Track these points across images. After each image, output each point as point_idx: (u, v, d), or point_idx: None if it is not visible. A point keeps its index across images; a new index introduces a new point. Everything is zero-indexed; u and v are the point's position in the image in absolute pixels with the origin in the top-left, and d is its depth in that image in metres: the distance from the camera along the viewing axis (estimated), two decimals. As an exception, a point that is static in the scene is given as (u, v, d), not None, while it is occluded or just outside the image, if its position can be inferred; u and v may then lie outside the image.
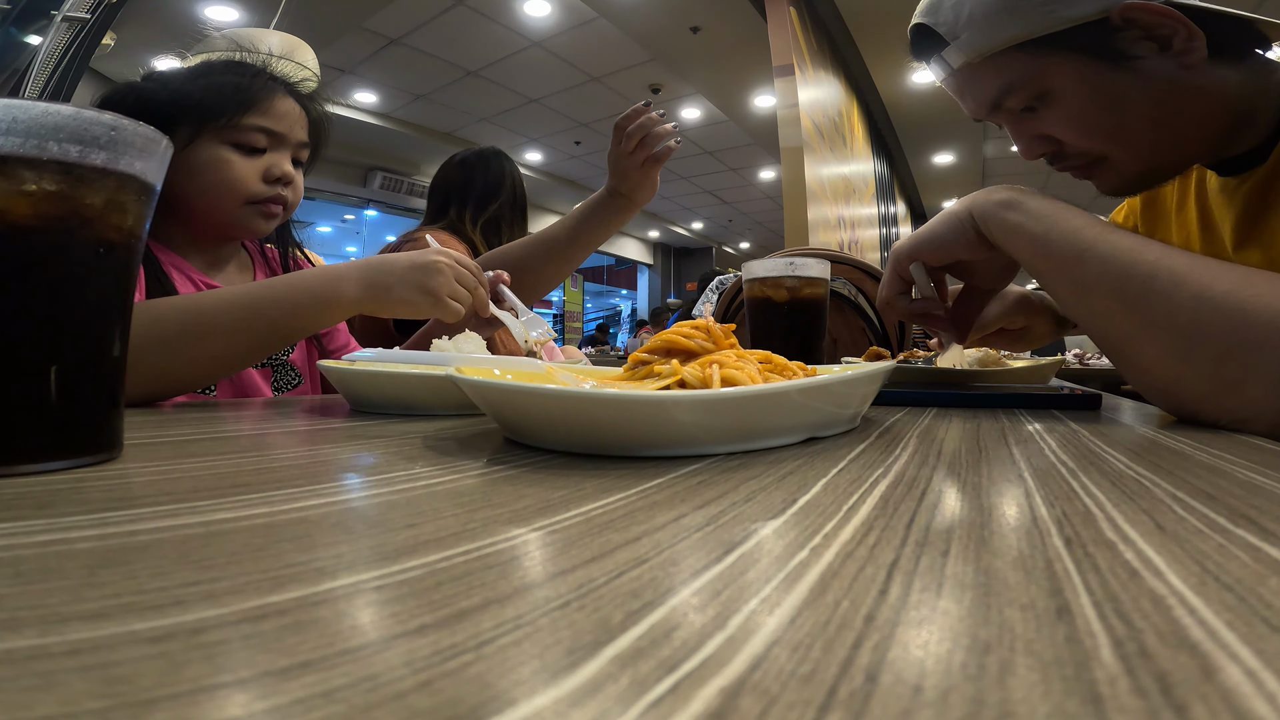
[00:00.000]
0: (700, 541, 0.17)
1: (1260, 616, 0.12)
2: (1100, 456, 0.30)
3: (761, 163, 6.73)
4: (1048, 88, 0.59)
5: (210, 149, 0.70)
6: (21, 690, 0.09)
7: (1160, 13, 0.52)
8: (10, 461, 0.24)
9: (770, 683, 0.10)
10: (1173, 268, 0.41)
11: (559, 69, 4.71)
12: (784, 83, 3.27)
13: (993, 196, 0.51)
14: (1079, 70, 0.56)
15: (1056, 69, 0.57)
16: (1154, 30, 0.54)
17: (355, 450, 0.32)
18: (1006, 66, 0.59)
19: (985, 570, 0.15)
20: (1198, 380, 0.40)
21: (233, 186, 0.71)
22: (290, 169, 0.75)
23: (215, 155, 0.70)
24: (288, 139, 0.74)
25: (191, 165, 0.69)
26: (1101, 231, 0.45)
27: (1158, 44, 0.54)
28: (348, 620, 0.12)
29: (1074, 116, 0.59)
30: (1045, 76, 0.58)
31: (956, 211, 0.54)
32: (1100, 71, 0.56)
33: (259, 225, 0.74)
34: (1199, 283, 0.40)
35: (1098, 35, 0.54)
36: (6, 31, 2.00)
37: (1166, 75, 0.55)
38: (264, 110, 0.72)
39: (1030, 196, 0.50)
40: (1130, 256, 0.43)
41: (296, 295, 0.59)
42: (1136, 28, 0.54)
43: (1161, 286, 0.41)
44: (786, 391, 0.31)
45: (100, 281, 0.27)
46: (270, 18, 2.64)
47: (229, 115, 0.70)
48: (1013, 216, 0.49)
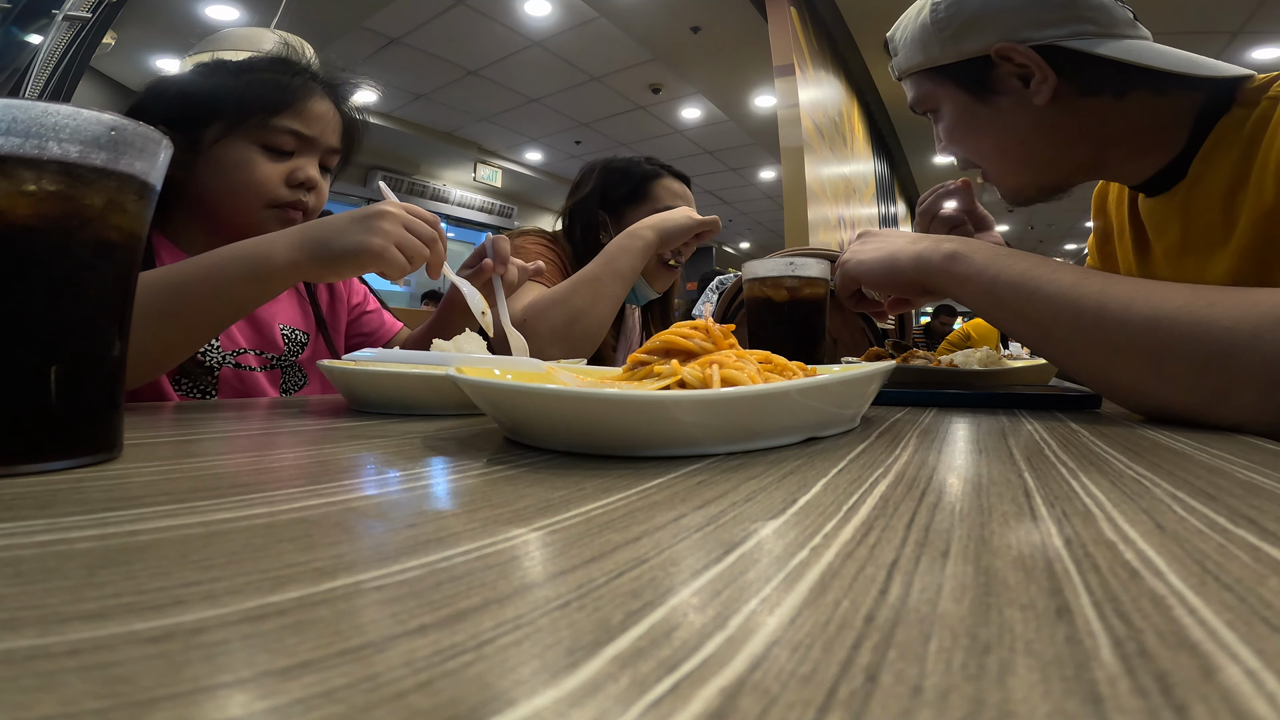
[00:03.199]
0: (700, 541, 0.17)
1: (1260, 616, 0.12)
2: (1100, 456, 0.30)
3: (762, 163, 6.73)
4: (935, 105, 0.71)
5: (238, 148, 0.68)
6: (21, 690, 0.09)
7: (1023, 54, 0.61)
8: (10, 461, 0.24)
9: (770, 683, 0.10)
10: (1117, 294, 0.43)
11: (559, 69, 4.71)
12: (784, 83, 3.27)
13: (940, 249, 0.54)
14: (954, 96, 0.68)
15: (939, 92, 0.69)
16: (1022, 70, 0.62)
17: (355, 450, 0.32)
18: (916, 83, 0.71)
19: (985, 570, 0.15)
20: (1182, 394, 0.41)
21: (256, 188, 0.69)
22: (316, 174, 0.73)
23: (242, 155, 0.68)
24: (317, 143, 0.73)
25: (219, 163, 0.68)
26: (1045, 271, 0.47)
27: (1023, 82, 0.63)
28: (348, 620, 0.12)
29: (949, 134, 0.71)
30: (934, 97, 0.70)
31: (901, 262, 0.57)
32: (967, 100, 0.67)
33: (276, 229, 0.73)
34: (1147, 304, 0.42)
35: (975, 70, 0.64)
36: (7, 30, 2.00)
37: (1017, 110, 0.64)
38: (297, 112, 0.70)
39: (975, 248, 0.52)
40: (1075, 291, 0.45)
41: (226, 267, 0.53)
42: (1009, 64, 0.62)
43: (1113, 314, 0.43)
44: (786, 391, 0.31)
45: (100, 281, 0.27)
46: (271, 17, 2.64)
47: (262, 114, 0.68)
48: (960, 269, 0.52)
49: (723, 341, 0.38)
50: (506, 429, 0.35)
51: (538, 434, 0.32)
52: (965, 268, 0.51)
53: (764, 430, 0.32)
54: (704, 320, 0.39)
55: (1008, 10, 0.61)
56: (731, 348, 0.38)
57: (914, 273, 0.56)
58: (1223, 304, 0.40)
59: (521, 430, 0.33)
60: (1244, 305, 0.39)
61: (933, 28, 0.66)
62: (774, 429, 0.32)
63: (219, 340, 0.70)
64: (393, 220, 0.56)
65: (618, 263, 0.92)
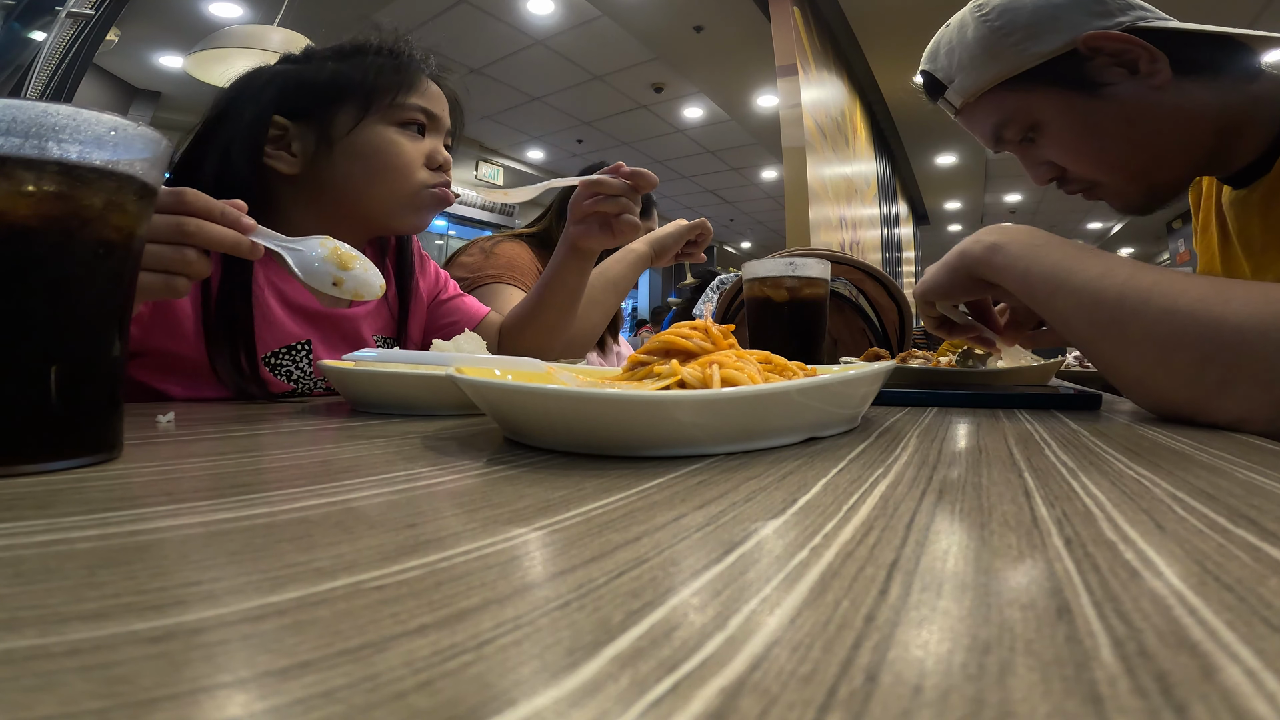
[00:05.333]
0: (700, 541, 0.17)
1: (1260, 616, 0.12)
2: (1100, 456, 0.30)
3: (763, 162, 6.72)
4: (1036, 119, 0.64)
5: (377, 131, 0.66)
6: (21, 690, 0.09)
7: (1119, 39, 0.57)
8: (11, 461, 0.24)
9: (770, 683, 0.10)
10: (1139, 286, 0.43)
11: (561, 67, 4.71)
12: (787, 82, 3.27)
13: (982, 240, 0.53)
14: (1060, 100, 0.61)
15: (1040, 101, 0.62)
16: (1120, 56, 0.58)
17: (355, 450, 0.32)
18: (998, 104, 0.64)
19: (985, 570, 0.15)
20: (1184, 388, 0.41)
21: (404, 170, 0.67)
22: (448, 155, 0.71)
23: (383, 137, 0.66)
24: (442, 122, 0.71)
25: (357, 149, 0.65)
26: (1075, 262, 0.47)
27: (1126, 69, 0.58)
28: (347, 620, 0.12)
29: (1065, 144, 0.64)
30: (1031, 110, 0.63)
31: (950, 261, 0.56)
32: (1077, 100, 0.61)
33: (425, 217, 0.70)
34: (1165, 296, 0.42)
35: (1070, 67, 0.59)
36: (10, 27, 2.00)
37: (1138, 97, 0.59)
38: (421, 91, 0.68)
39: (1013, 237, 0.52)
40: (1099, 284, 0.45)
41: None
42: (1103, 55, 0.58)
43: (1130, 305, 0.43)
44: (786, 391, 0.31)
45: (100, 282, 0.27)
46: (274, 15, 2.64)
47: (393, 94, 0.66)
48: (997, 259, 0.52)
49: (723, 341, 0.38)
50: (506, 429, 0.35)
51: (538, 434, 0.32)
52: (1002, 259, 0.51)
53: (764, 430, 0.31)
54: (704, 320, 0.39)
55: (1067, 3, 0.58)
56: (731, 348, 0.38)
57: (964, 269, 0.55)
58: (1239, 299, 0.40)
59: (521, 430, 0.33)
60: (1259, 301, 0.39)
61: (995, 36, 0.61)
62: (774, 429, 0.32)
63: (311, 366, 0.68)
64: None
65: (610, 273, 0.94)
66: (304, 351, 0.68)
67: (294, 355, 0.67)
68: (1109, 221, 8.52)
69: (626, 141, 6.03)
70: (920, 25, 0.70)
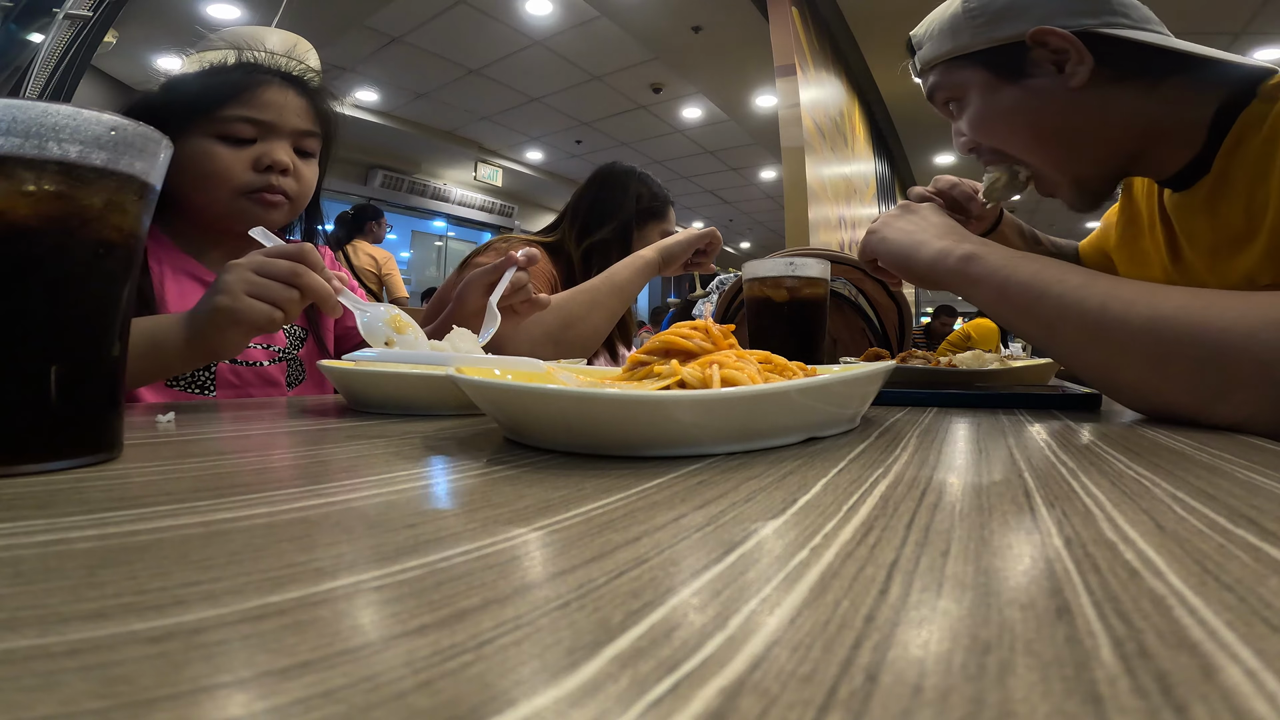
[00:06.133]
0: (700, 541, 0.17)
1: (1260, 616, 0.12)
2: (1100, 456, 0.30)
3: (762, 162, 6.72)
4: (960, 94, 0.70)
5: (195, 143, 0.69)
6: (21, 690, 0.09)
7: (1063, 38, 0.61)
8: (10, 461, 0.24)
9: (770, 683, 0.10)
10: (1120, 295, 0.44)
11: (560, 68, 4.71)
12: (785, 82, 3.27)
13: (960, 248, 0.55)
14: (982, 81, 0.68)
15: (967, 79, 0.69)
16: (1058, 54, 0.62)
17: (355, 450, 0.32)
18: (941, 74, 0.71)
19: (985, 570, 0.15)
20: (1182, 394, 0.42)
21: (221, 177, 0.70)
22: (284, 158, 0.72)
23: (200, 148, 0.69)
24: (279, 128, 0.72)
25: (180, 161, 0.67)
26: (1054, 274, 0.48)
27: (1056, 67, 0.62)
28: (348, 620, 0.12)
29: (974, 120, 0.70)
30: (959, 85, 0.70)
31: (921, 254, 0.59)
32: (996, 84, 0.67)
33: (258, 214, 0.71)
34: (1148, 304, 0.43)
35: (1009, 55, 0.64)
36: (8, 29, 2.00)
37: (1051, 94, 0.63)
38: (248, 101, 0.70)
39: (991, 250, 0.53)
40: (1081, 293, 0.46)
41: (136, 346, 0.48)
42: (1044, 49, 0.62)
43: (1114, 314, 0.44)
44: (786, 391, 0.31)
45: (100, 281, 0.27)
46: (272, 16, 2.64)
47: (211, 107, 0.69)
48: (974, 269, 0.53)
49: (723, 341, 0.38)
50: (507, 429, 0.35)
51: (538, 434, 0.32)
52: (979, 269, 0.53)
53: (764, 430, 0.31)
54: (704, 320, 0.39)
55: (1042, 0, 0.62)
56: (731, 348, 0.38)
57: (926, 269, 0.58)
58: (1219, 305, 0.40)
59: (522, 430, 0.33)
60: (1240, 307, 0.40)
61: (964, 17, 0.67)
62: (774, 429, 0.32)
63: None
64: (237, 271, 0.51)
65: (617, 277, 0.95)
66: None
67: None
68: (1108, 221, 8.52)
69: (625, 142, 6.03)
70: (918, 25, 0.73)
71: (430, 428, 0.39)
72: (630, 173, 1.20)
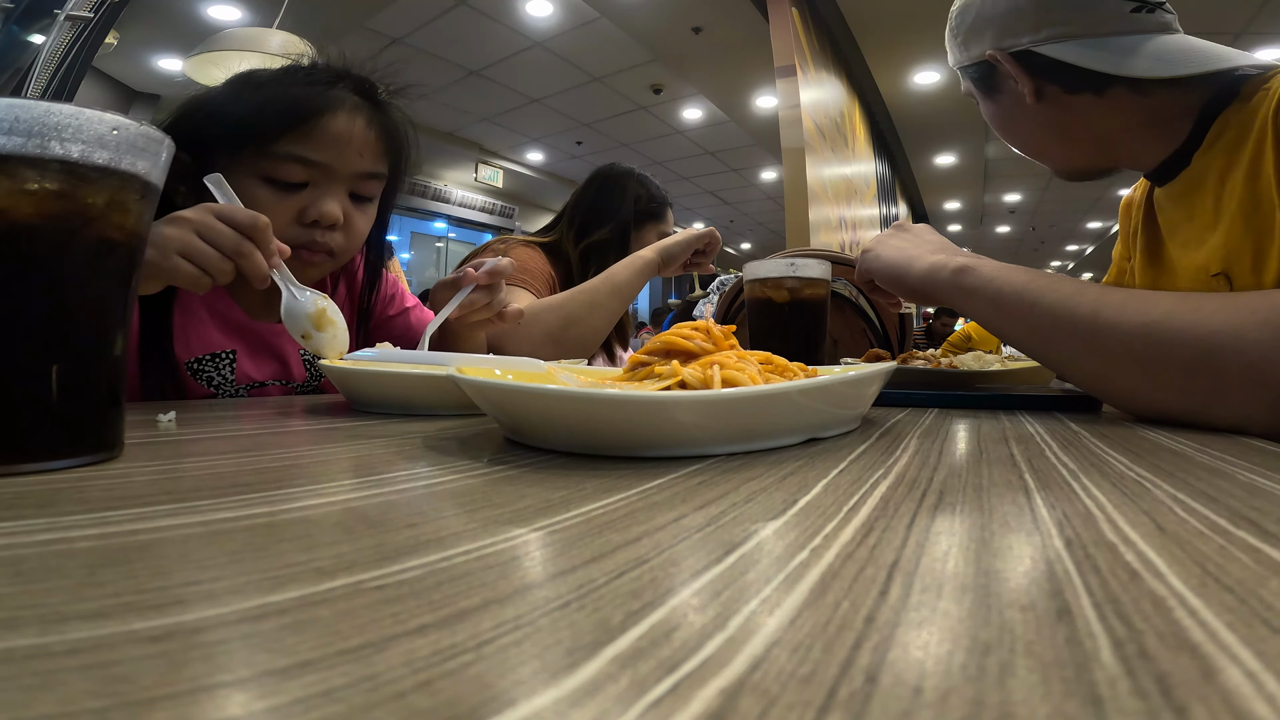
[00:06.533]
0: (700, 542, 0.17)
1: (1261, 618, 0.12)
2: (1101, 458, 0.30)
3: (763, 163, 6.72)
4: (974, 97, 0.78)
5: (240, 182, 0.56)
6: (21, 690, 0.09)
7: (1004, 59, 0.67)
8: (11, 461, 0.24)
9: (770, 683, 0.10)
10: (1111, 302, 0.45)
11: (561, 69, 4.71)
12: (786, 83, 3.27)
13: (953, 261, 0.56)
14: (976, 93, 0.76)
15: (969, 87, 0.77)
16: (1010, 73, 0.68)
17: (355, 450, 0.32)
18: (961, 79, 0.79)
19: (985, 571, 0.15)
20: (1176, 398, 0.42)
21: None
22: (335, 210, 0.61)
23: (241, 189, 0.55)
24: (336, 172, 0.62)
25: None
26: (1046, 283, 0.50)
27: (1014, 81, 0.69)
28: (348, 620, 0.12)
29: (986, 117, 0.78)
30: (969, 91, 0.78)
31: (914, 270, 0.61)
32: (981, 96, 0.75)
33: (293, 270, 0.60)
34: (1138, 310, 0.43)
35: (983, 72, 0.72)
36: (9, 30, 2.00)
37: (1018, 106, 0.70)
38: (306, 134, 0.60)
39: (983, 262, 0.55)
40: (1073, 301, 0.47)
41: None
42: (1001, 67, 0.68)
43: (1106, 320, 0.44)
44: (787, 392, 0.31)
45: (102, 280, 0.27)
46: (273, 17, 2.64)
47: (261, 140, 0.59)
48: (968, 281, 0.54)
49: (723, 342, 0.38)
50: (507, 429, 0.35)
51: (538, 434, 0.32)
52: (973, 280, 0.53)
53: (765, 431, 0.31)
54: (705, 321, 0.39)
55: (993, 21, 0.68)
56: (732, 348, 0.38)
57: (919, 283, 0.59)
58: (1207, 308, 0.41)
59: (522, 430, 0.33)
60: (1228, 309, 0.40)
61: (949, 35, 0.75)
62: (775, 430, 0.32)
63: (234, 374, 0.67)
64: (179, 227, 0.47)
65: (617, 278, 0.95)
66: (228, 360, 0.67)
67: (217, 363, 0.67)
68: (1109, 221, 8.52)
69: (626, 143, 6.03)
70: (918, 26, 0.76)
71: (431, 428, 0.39)
72: (629, 174, 1.21)
